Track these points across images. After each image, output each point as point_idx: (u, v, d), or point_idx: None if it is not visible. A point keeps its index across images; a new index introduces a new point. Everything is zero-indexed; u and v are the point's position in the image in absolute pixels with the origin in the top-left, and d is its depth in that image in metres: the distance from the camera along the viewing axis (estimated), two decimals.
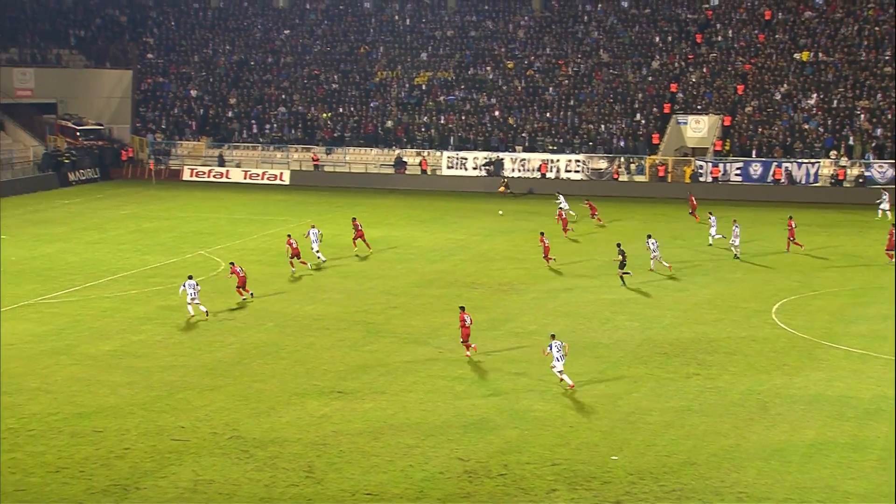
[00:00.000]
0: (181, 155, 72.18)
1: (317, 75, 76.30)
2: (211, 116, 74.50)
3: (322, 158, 70.36)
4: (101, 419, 24.35)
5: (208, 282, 39.28)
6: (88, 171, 68.57)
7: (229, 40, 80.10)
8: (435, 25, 78.53)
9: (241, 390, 26.66)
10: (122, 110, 76.09)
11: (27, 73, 72.97)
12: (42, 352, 29.78)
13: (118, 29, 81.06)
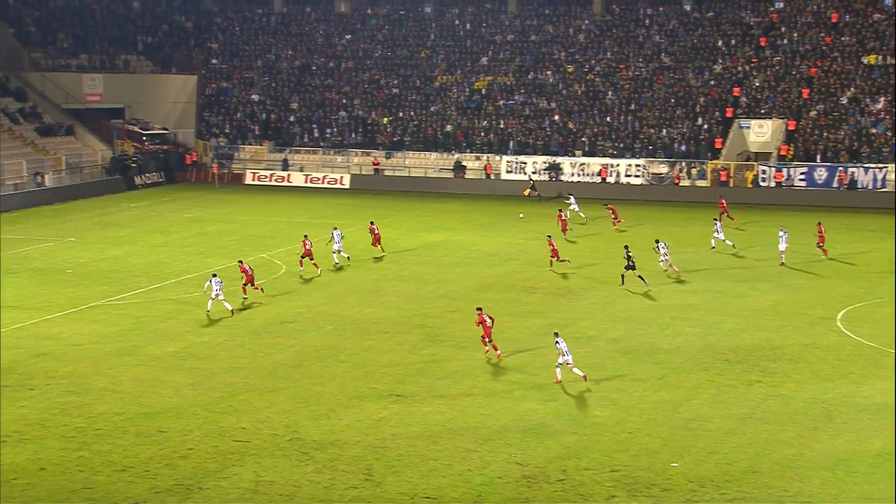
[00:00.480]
0: (243, 159, 73.10)
1: (377, 80, 76.77)
2: (273, 121, 75.35)
3: (382, 163, 70.73)
4: (165, 419, 24.76)
5: (270, 284, 39.76)
6: (154, 174, 69.77)
7: (291, 45, 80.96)
8: (495, 30, 78.53)
9: (301, 393, 26.90)
10: (187, 115, 77.33)
11: (96, 79, 74.52)
12: (109, 352, 30.37)
13: (184, 35, 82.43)
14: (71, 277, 40.32)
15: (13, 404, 25.49)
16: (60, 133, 69.11)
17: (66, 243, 47.87)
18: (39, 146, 66.05)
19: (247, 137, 74.75)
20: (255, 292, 37.05)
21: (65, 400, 25.94)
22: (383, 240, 44.95)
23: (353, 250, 46.59)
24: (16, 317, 34.29)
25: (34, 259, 43.80)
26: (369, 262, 44.09)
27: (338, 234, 42.99)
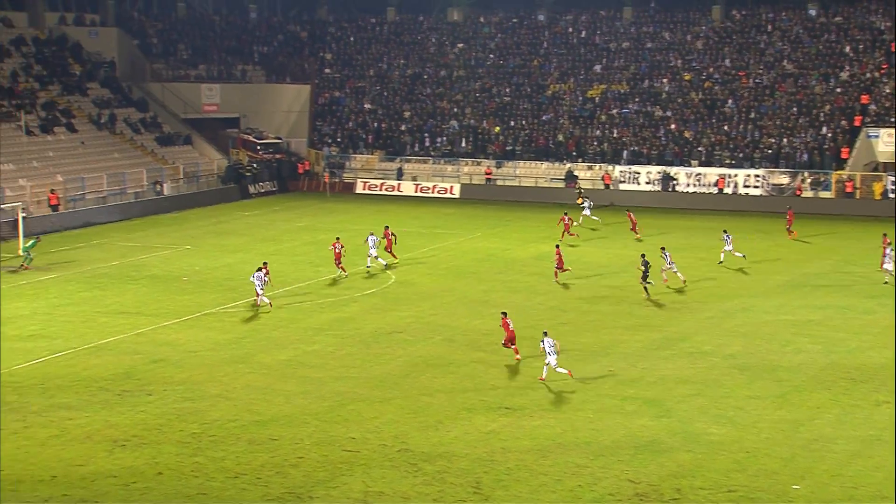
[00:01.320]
0: (355, 168, 74.22)
1: (489, 88, 77.01)
2: (384, 130, 76.33)
3: (492, 172, 70.86)
4: (276, 427, 25.28)
5: (379, 294, 40.27)
6: (267, 183, 71.40)
7: (404, 54, 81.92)
8: (610, 37, 77.92)
9: (410, 403, 27.12)
10: (300, 124, 79.02)
11: (214, 89, 76.82)
12: (222, 360, 31.19)
13: (298, 45, 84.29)
14: (187, 285, 41.58)
15: (132, 409, 26.41)
16: (179, 142, 71.44)
17: (183, 251, 49.39)
18: (159, 155, 68.41)
19: (358, 146, 75.87)
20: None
21: (181, 406, 26.75)
22: (493, 249, 44.97)
23: (460, 261, 46.82)
24: (135, 323, 35.54)
25: (152, 266, 45.34)
26: (478, 273, 44.20)
27: (373, 239, 43.99)
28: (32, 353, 31.42)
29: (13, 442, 24.03)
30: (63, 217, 56.44)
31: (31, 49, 70.12)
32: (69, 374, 29.26)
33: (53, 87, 68.20)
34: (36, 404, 26.59)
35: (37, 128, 63.23)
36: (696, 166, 66.31)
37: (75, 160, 63.05)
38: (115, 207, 59.94)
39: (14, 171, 58.76)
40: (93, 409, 26.30)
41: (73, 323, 35.46)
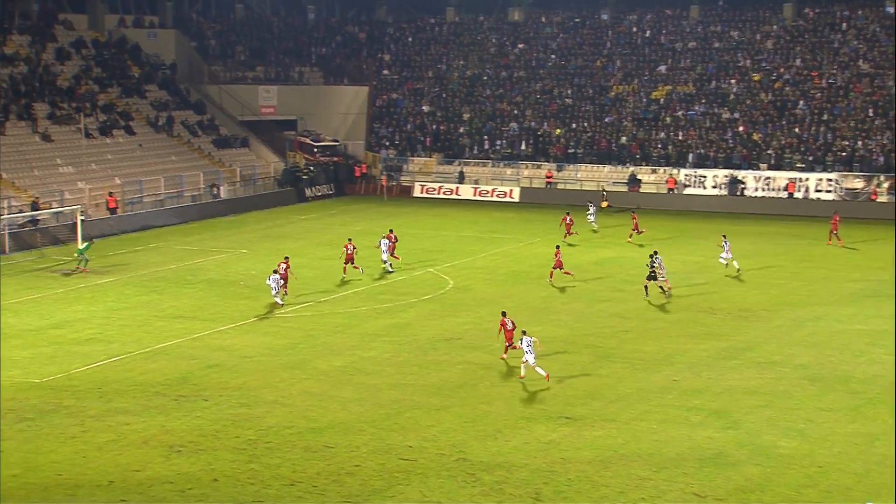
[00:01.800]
0: (412, 171, 74.49)
1: (550, 90, 76.81)
2: (443, 132, 76.49)
3: (553, 175, 70.63)
4: (332, 435, 25.44)
5: (436, 300, 40.34)
6: (324, 186, 71.97)
7: (463, 55, 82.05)
8: (675, 37, 77.25)
9: (468, 412, 27.11)
10: (358, 126, 79.54)
11: (271, 91, 77.68)
12: (278, 365, 31.49)
13: (356, 46, 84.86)
14: (243, 289, 42.05)
15: (188, 414, 26.78)
16: (236, 145, 72.34)
17: (239, 255, 49.99)
18: (216, 158, 69.34)
19: (416, 149, 76.14)
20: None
21: (236, 412, 27.05)
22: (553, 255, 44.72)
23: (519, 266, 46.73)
24: (191, 327, 36.05)
25: (209, 270, 45.96)
26: (538, 278, 44.08)
27: (385, 242, 44.99)
28: (90, 357, 32.03)
29: (71, 446, 24.51)
30: (121, 220, 57.46)
31: (91, 51, 71.55)
32: (126, 379, 29.76)
33: (112, 90, 69.49)
34: (94, 408, 27.09)
35: (96, 130, 64.48)
36: (766, 170, 65.43)
37: (133, 163, 64.18)
38: (172, 210, 60.90)
39: (73, 173, 59.99)
40: (149, 413, 26.72)
41: (130, 327, 36.08)
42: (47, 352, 32.70)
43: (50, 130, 62.00)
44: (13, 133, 60.47)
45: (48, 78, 65.92)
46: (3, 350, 32.79)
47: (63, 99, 65.07)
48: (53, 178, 58.67)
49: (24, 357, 32.04)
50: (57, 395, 28.10)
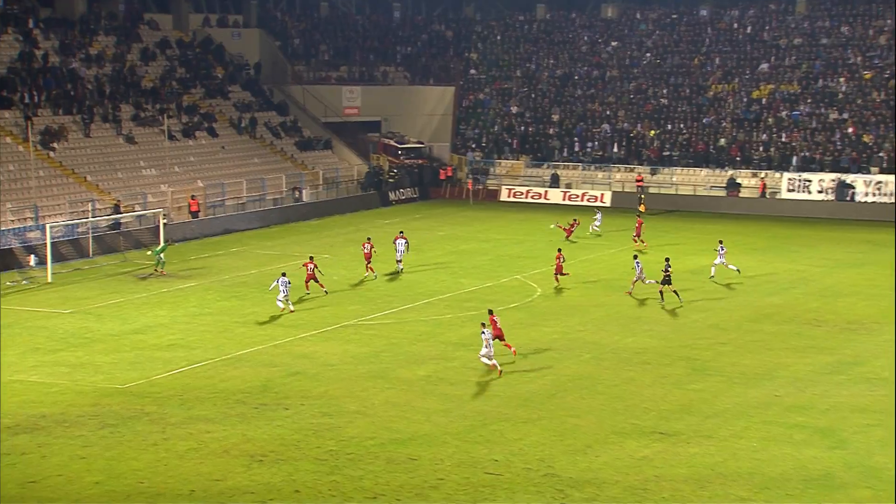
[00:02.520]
0: (499, 174, 74.49)
1: (644, 89, 76.12)
2: (531, 134, 76.36)
3: (646, 179, 69.98)
4: (415, 446, 25.55)
5: (523, 308, 40.26)
6: (408, 190, 72.40)
7: (553, 54, 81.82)
8: (780, 33, 75.89)
9: (556, 425, 27.00)
10: (443, 128, 79.82)
11: (355, 92, 78.52)
12: (361, 374, 31.77)
13: (443, 44, 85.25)
14: (325, 295, 42.50)
15: (269, 423, 27.17)
16: (318, 147, 73.28)
17: (321, 260, 50.53)
18: (298, 160, 70.34)
19: (503, 151, 76.14)
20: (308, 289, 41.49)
21: (318, 421, 27.34)
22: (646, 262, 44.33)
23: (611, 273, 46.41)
24: (273, 334, 36.60)
25: (290, 275, 46.52)
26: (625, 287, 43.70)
27: (402, 242, 46.59)
28: (171, 363, 32.75)
29: (153, 454, 25.07)
30: (203, 224, 58.64)
31: (176, 52, 73.22)
32: (207, 386, 30.34)
33: (196, 91, 70.98)
34: (175, 415, 27.68)
35: (179, 132, 65.94)
36: (877, 174, 63.78)
37: (215, 165, 65.47)
38: (254, 214, 61.93)
39: (156, 176, 61.44)
40: (230, 422, 27.19)
41: (212, 333, 36.78)
42: (129, 357, 33.53)
43: (134, 132, 63.58)
44: (98, 135, 62.19)
45: (133, 79, 67.62)
46: (86, 355, 33.72)
47: (147, 100, 66.67)
48: (136, 181, 60.18)
49: (106, 362, 32.90)
50: (139, 402, 28.78)
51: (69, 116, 61.67)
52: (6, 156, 56.33)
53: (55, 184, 56.53)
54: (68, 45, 66.52)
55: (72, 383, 30.50)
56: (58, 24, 68.25)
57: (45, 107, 61.36)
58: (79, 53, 66.66)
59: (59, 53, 65.90)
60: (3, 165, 55.60)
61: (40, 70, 63.22)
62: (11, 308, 40.39)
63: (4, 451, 25.05)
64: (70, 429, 26.53)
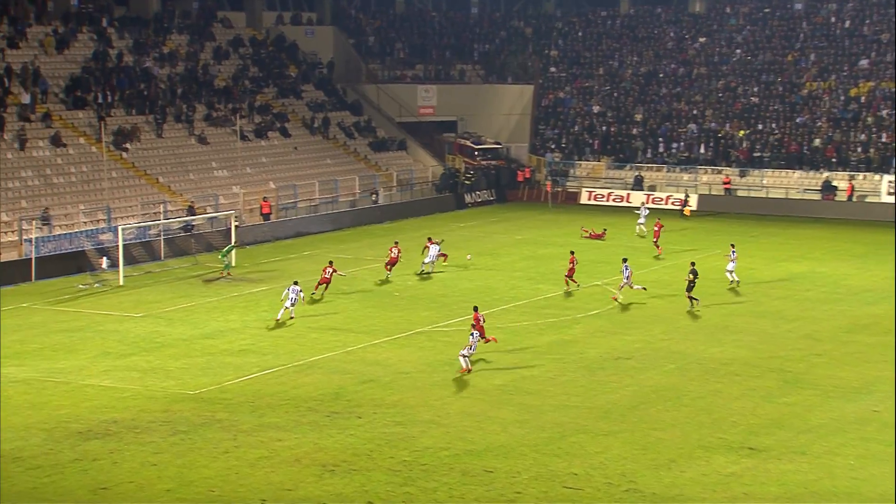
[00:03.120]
0: (579, 176, 74.15)
1: (734, 87, 75.17)
2: (613, 134, 75.87)
3: (734, 181, 69.09)
4: (491, 458, 25.56)
5: (604, 316, 40.04)
6: (484, 192, 72.40)
7: (637, 51, 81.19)
8: (881, 27, 74.32)
9: (639, 438, 26.83)
10: (521, 128, 79.70)
11: (430, 91, 78.81)
12: (435, 382, 31.88)
13: (522, 42, 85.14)
14: (399, 301, 42.78)
15: (342, 432, 27.40)
16: (393, 148, 73.73)
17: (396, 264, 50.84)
18: (372, 161, 70.86)
19: (584, 152, 75.78)
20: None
21: (391, 431, 27.51)
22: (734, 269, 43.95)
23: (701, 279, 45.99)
24: (345, 340, 36.93)
25: (363, 280, 46.96)
26: (717, 294, 43.22)
27: (435, 247, 47.20)
28: (243, 369, 33.22)
29: (224, 462, 25.46)
30: (275, 226, 59.36)
31: (249, 50, 74.31)
32: (279, 393, 30.72)
33: (269, 90, 71.96)
34: (246, 423, 28.07)
35: (251, 132, 66.89)
36: None
37: (288, 166, 66.28)
38: (327, 217, 62.50)
39: (228, 177, 62.41)
40: (302, 430, 27.49)
41: (284, 338, 37.23)
42: (200, 362, 34.10)
43: (206, 132, 64.67)
44: (170, 135, 63.37)
45: (205, 78, 68.80)
46: (157, 360, 34.37)
47: (219, 100, 67.75)
48: (208, 182, 61.19)
49: (177, 367, 33.50)
50: (210, 408, 29.25)
51: (142, 116, 62.95)
52: (80, 156, 57.74)
53: (127, 185, 57.75)
54: (142, 44, 67.92)
55: (143, 388, 31.12)
56: (132, 23, 69.70)
57: (119, 107, 62.74)
58: (152, 52, 68.02)
59: (133, 52, 67.31)
60: (77, 166, 57.00)
61: (114, 69, 64.64)
62: (83, 311, 41.37)
63: (77, 456, 25.67)
64: (141, 435, 27.08)
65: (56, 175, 55.84)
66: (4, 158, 54.96)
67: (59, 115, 59.65)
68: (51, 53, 63.51)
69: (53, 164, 56.48)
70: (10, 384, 31.47)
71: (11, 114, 57.38)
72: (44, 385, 31.43)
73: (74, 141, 58.60)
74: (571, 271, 43.79)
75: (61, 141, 57.57)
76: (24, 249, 48.44)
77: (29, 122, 57.54)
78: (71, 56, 64.29)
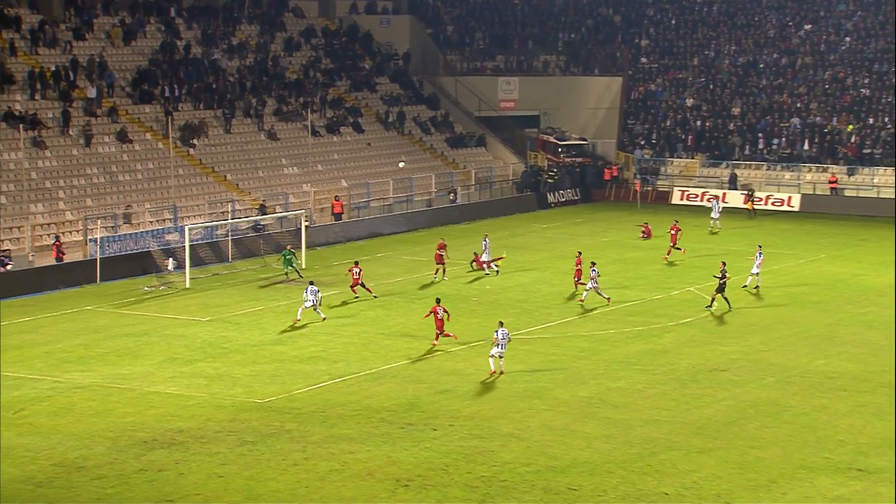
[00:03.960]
0: (671, 174, 73.49)
1: (842, 78, 73.89)
2: (708, 129, 75.06)
3: (841, 180, 67.90)
4: (575, 475, 25.47)
5: (698, 323, 39.64)
6: (569, 191, 72.12)
7: (736, 39, 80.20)
8: None
9: (736, 456, 26.54)
10: (609, 123, 79.21)
11: (512, 83, 78.72)
12: (515, 393, 31.85)
13: (610, 30, 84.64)
14: (476, 306, 42.81)
15: (416, 445, 27.52)
16: (471, 144, 73.82)
17: (473, 267, 50.86)
18: (449, 158, 71.04)
19: (676, 149, 75.09)
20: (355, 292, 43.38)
21: (468, 444, 27.54)
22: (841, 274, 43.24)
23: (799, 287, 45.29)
24: (420, 347, 37.04)
25: (439, 284, 47.06)
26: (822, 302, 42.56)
27: (486, 244, 48.57)
28: (313, 377, 33.54)
29: (293, 474, 25.72)
30: (346, 226, 59.82)
31: (321, 41, 75.01)
32: (350, 402, 30.96)
33: (341, 83, 72.51)
34: (316, 434, 28.34)
35: (323, 127, 67.51)
36: None
37: (360, 163, 66.79)
38: (401, 217, 62.80)
39: (298, 175, 63.09)
40: (374, 442, 27.67)
41: (355, 345, 37.51)
42: (268, 369, 34.51)
43: (276, 128, 65.43)
44: (239, 131, 64.26)
45: (276, 70, 69.57)
46: (224, 366, 34.86)
47: (290, 93, 68.47)
48: (277, 180, 61.93)
49: (245, 374, 33.95)
50: (279, 418, 29.58)
51: (210, 111, 63.93)
52: (146, 153, 58.83)
53: (194, 183, 58.71)
54: (210, 35, 68.92)
55: (209, 396, 31.60)
56: (200, 13, 70.78)
57: (186, 101, 63.76)
58: (221, 44, 68.98)
59: (201, 44, 68.35)
60: (143, 163, 58.09)
61: (181, 61, 65.70)
62: (148, 314, 42.15)
63: (142, 466, 26.16)
64: (208, 445, 27.49)
65: (122, 172, 56.98)
66: (70, 155, 56.27)
67: (126, 110, 60.85)
68: (118, 45, 64.81)
69: (119, 160, 57.64)
70: (74, 390, 32.22)
71: (77, 108, 58.64)
72: (108, 392, 32.09)
73: (141, 137, 59.74)
74: (578, 274, 43.73)
75: (127, 137, 58.75)
76: (88, 250, 49.51)
77: (95, 118, 58.78)
78: (138, 48, 65.55)
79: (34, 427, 28.97)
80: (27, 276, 46.87)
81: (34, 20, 62.22)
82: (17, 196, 51.73)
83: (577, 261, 44.20)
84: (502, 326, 33.45)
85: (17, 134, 53.32)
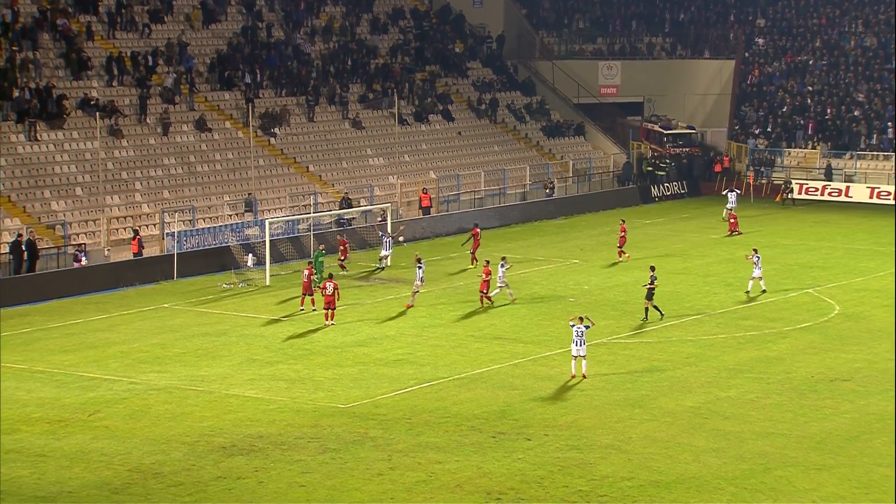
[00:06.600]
0: (788, 166, 72.43)
1: None
2: (830, 117, 73.82)
3: None
4: (681, 491, 25.29)
5: (816, 329, 39.06)
6: (675, 184, 71.53)
7: (863, 18, 78.68)
8: None
9: (860, 474, 26.16)
10: (719, 110, 78.35)
11: (613, 68, 78.30)
12: (615, 402, 31.72)
13: (723, 9, 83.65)
14: (573, 307, 42.62)
15: (508, 455, 27.53)
16: (569, 133, 73.59)
17: (570, 266, 50.77)
18: (544, 149, 70.91)
19: (794, 138, 74.00)
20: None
21: (565, 455, 27.49)
22: None
23: None
24: (512, 350, 37.10)
25: (533, 283, 47.03)
26: None
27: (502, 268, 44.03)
28: (398, 382, 33.74)
29: (378, 484, 25.91)
30: (434, 221, 59.99)
31: (410, 23, 75.30)
32: (438, 409, 31.08)
33: (431, 68, 72.69)
34: (402, 442, 28.51)
35: (410, 115, 67.80)
36: None
37: (450, 154, 67.01)
38: (493, 211, 62.81)
39: (384, 165, 63.46)
40: (464, 452, 27.74)
41: (443, 347, 37.65)
42: (352, 373, 34.80)
43: (361, 116, 65.86)
44: (322, 119, 64.87)
45: (361, 55, 69.98)
46: (305, 369, 35.25)
47: (377, 79, 68.83)
48: (362, 172, 62.41)
49: (327, 378, 34.28)
50: (363, 424, 29.81)
51: (292, 98, 64.59)
52: (225, 142, 59.68)
53: (275, 174, 59.44)
54: (293, 17, 69.53)
55: (290, 400, 31.97)
56: None
57: (267, 87, 64.47)
58: (304, 27, 69.61)
59: (284, 27, 69.05)
60: (222, 153, 58.91)
61: (263, 45, 66.37)
62: (227, 313, 42.78)
63: (220, 473, 26.55)
64: (288, 452, 27.82)
65: (200, 163, 57.84)
66: (147, 144, 57.25)
67: (205, 97, 61.74)
68: (197, 28, 65.72)
69: (198, 150, 58.54)
70: (150, 392, 32.83)
71: (154, 95, 59.59)
72: (185, 394, 32.63)
73: (220, 125, 60.62)
74: (623, 241, 48.10)
75: (206, 125, 59.61)
76: (165, 245, 50.35)
77: (173, 105, 59.73)
78: (218, 31, 66.49)
79: (109, 430, 29.57)
80: (103, 272, 47.82)
81: (111, 2, 63.34)
82: (92, 188, 52.76)
83: (622, 227, 48.02)
84: (583, 322, 33.78)
85: (93, 122, 54.36)
